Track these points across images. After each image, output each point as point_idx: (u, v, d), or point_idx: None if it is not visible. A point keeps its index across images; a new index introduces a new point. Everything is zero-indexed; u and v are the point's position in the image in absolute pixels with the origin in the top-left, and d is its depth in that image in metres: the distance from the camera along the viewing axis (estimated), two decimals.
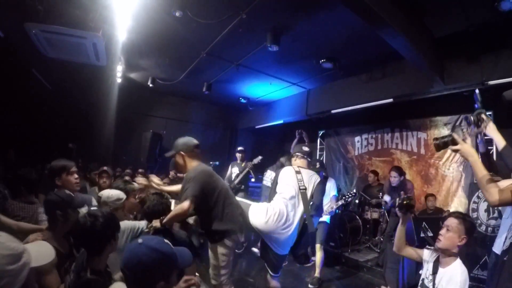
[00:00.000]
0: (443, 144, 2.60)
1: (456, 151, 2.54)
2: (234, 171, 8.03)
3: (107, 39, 5.46)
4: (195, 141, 4.03)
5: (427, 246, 3.10)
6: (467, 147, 2.48)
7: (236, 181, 7.72)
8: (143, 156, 9.54)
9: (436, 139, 2.67)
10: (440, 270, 2.78)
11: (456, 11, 4.65)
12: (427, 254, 2.98)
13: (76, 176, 3.45)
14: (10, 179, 4.39)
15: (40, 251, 1.63)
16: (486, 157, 3.09)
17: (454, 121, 7.24)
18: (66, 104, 8.34)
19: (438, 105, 7.06)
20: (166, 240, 1.88)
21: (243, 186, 7.75)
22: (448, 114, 7.35)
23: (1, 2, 4.83)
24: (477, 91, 2.93)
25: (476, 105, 2.93)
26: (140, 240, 1.78)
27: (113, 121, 9.61)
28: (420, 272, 3.01)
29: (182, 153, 3.87)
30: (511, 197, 2.28)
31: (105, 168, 5.17)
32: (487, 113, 2.92)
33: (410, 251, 3.06)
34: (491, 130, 2.80)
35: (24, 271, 1.29)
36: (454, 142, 2.53)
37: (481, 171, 2.41)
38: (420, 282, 2.92)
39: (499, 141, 2.80)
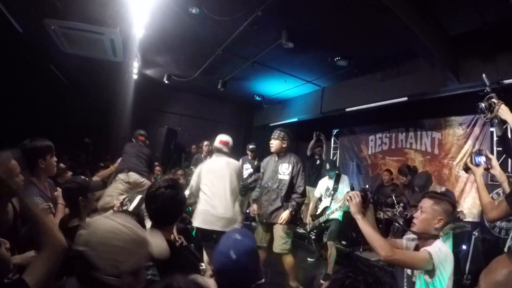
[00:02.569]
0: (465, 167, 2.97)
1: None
2: (246, 167, 7.98)
3: (124, 35, 5.53)
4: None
5: (404, 236, 2.88)
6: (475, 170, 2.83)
7: (250, 181, 7.71)
8: (158, 152, 9.62)
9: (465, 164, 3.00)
10: None
11: (470, 8, 4.61)
12: (405, 245, 2.76)
13: (55, 158, 3.14)
14: None
15: (157, 244, 1.73)
16: (503, 141, 2.99)
17: (469, 121, 7.17)
18: (83, 99, 8.46)
19: (453, 105, 7.00)
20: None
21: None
22: (463, 114, 7.28)
23: None
24: (484, 75, 2.81)
25: (485, 90, 2.83)
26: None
27: (129, 117, 9.69)
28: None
29: None
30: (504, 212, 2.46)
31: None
32: (483, 74, 2.84)
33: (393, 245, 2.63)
34: (504, 112, 2.66)
35: (144, 256, 1.53)
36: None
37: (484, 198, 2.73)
38: (405, 280, 2.71)
39: None
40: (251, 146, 8.38)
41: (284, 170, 5.02)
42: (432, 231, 2.45)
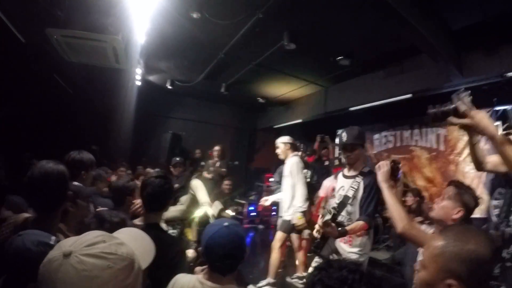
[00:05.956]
0: (441, 114, 1.92)
1: (465, 126, 1.89)
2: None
3: (126, 42, 5.53)
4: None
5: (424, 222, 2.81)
6: (480, 117, 1.82)
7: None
8: (163, 157, 9.61)
9: (432, 106, 1.96)
10: None
11: (471, 2, 4.60)
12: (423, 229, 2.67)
13: (93, 172, 3.42)
14: None
15: (141, 246, 1.34)
16: None
17: None
18: (87, 107, 8.47)
19: None
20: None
21: None
22: None
23: (22, 9, 4.95)
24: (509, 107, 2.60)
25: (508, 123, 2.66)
26: (226, 223, 1.95)
27: (133, 123, 9.73)
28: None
29: None
30: None
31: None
32: (508, 106, 2.76)
33: None
34: None
35: (139, 279, 1.11)
36: (459, 113, 1.86)
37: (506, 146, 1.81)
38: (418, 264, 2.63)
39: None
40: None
41: None
42: (449, 221, 2.31)
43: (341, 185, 3.73)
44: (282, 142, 5.59)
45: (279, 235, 5.28)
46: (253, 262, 6.64)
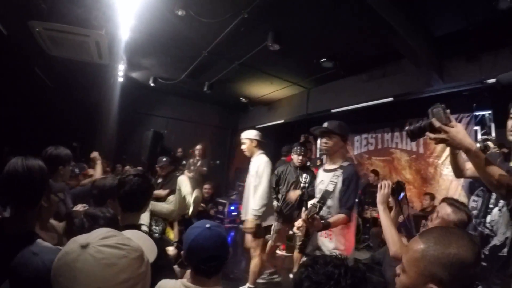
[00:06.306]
0: (418, 130, 2.00)
1: (441, 140, 1.92)
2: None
3: (110, 37, 5.49)
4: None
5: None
6: (455, 132, 1.86)
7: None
8: (144, 155, 9.51)
9: (410, 124, 2.06)
10: None
11: (454, 9, 4.67)
12: None
13: (70, 167, 3.42)
14: None
15: (144, 244, 1.36)
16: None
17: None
18: (68, 103, 8.36)
19: None
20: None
21: None
22: None
23: (4, 0, 4.87)
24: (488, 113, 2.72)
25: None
26: (208, 225, 1.93)
27: (115, 120, 9.63)
28: None
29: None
30: None
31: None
32: (487, 112, 2.81)
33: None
34: None
35: (149, 271, 1.22)
36: (435, 128, 1.91)
37: (489, 166, 1.88)
38: None
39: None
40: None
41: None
42: None
43: (321, 179, 3.66)
44: (247, 138, 5.27)
45: (254, 242, 5.04)
46: (234, 261, 6.65)
